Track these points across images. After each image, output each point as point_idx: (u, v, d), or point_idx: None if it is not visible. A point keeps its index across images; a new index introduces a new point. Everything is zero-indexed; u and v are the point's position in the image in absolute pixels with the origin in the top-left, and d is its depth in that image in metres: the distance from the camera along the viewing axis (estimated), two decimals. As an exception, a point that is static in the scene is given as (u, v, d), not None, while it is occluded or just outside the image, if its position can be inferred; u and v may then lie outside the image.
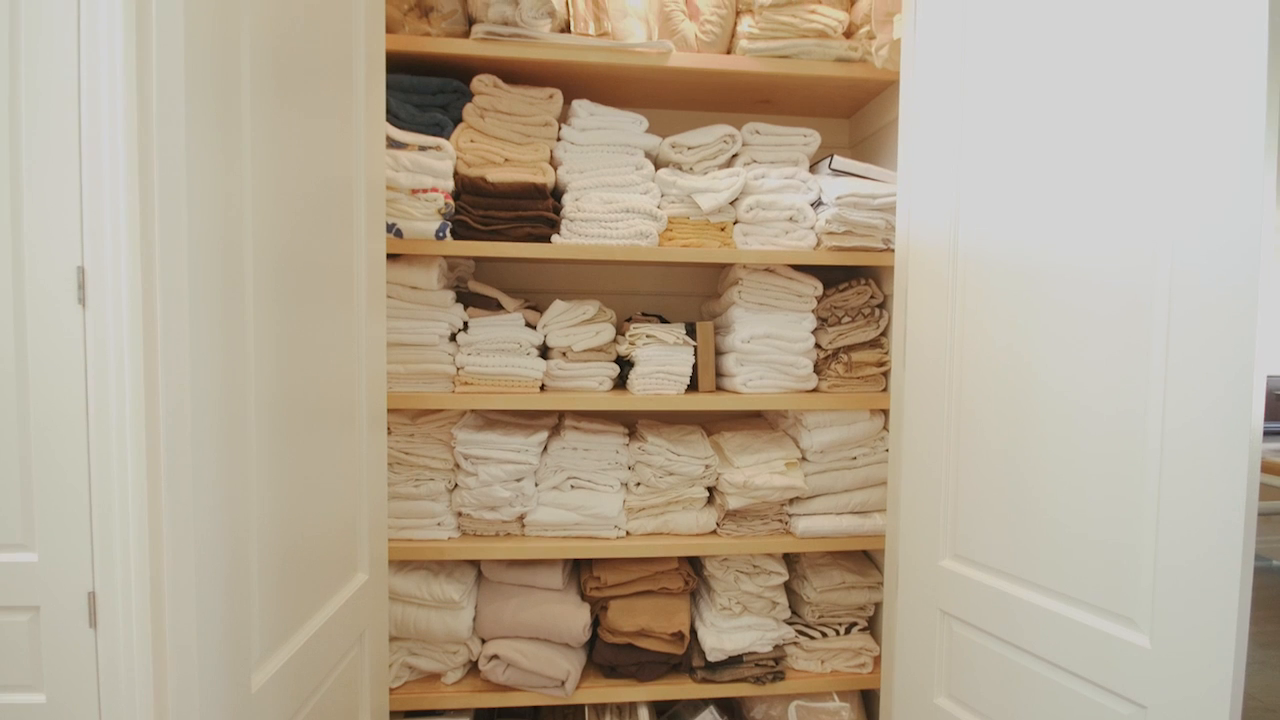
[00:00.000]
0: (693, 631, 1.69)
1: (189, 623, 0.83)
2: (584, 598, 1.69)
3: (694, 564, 1.80)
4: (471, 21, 1.58)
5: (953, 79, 1.27)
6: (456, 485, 1.61)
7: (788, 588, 1.77)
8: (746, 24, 1.64)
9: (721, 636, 1.65)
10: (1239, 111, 0.87)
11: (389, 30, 1.50)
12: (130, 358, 0.79)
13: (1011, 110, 1.17)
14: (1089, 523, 1.05)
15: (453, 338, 1.60)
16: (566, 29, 1.63)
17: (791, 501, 1.70)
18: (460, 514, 1.62)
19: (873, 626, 1.78)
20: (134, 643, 0.81)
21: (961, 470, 1.27)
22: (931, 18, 1.31)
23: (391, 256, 1.51)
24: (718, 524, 1.69)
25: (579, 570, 1.78)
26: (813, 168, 1.74)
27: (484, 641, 1.65)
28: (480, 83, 1.58)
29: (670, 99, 1.86)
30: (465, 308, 1.62)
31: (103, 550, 0.82)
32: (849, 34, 1.69)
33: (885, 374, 1.68)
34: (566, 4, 1.62)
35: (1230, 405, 0.87)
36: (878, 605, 1.74)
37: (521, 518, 1.62)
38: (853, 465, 1.70)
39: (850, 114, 1.99)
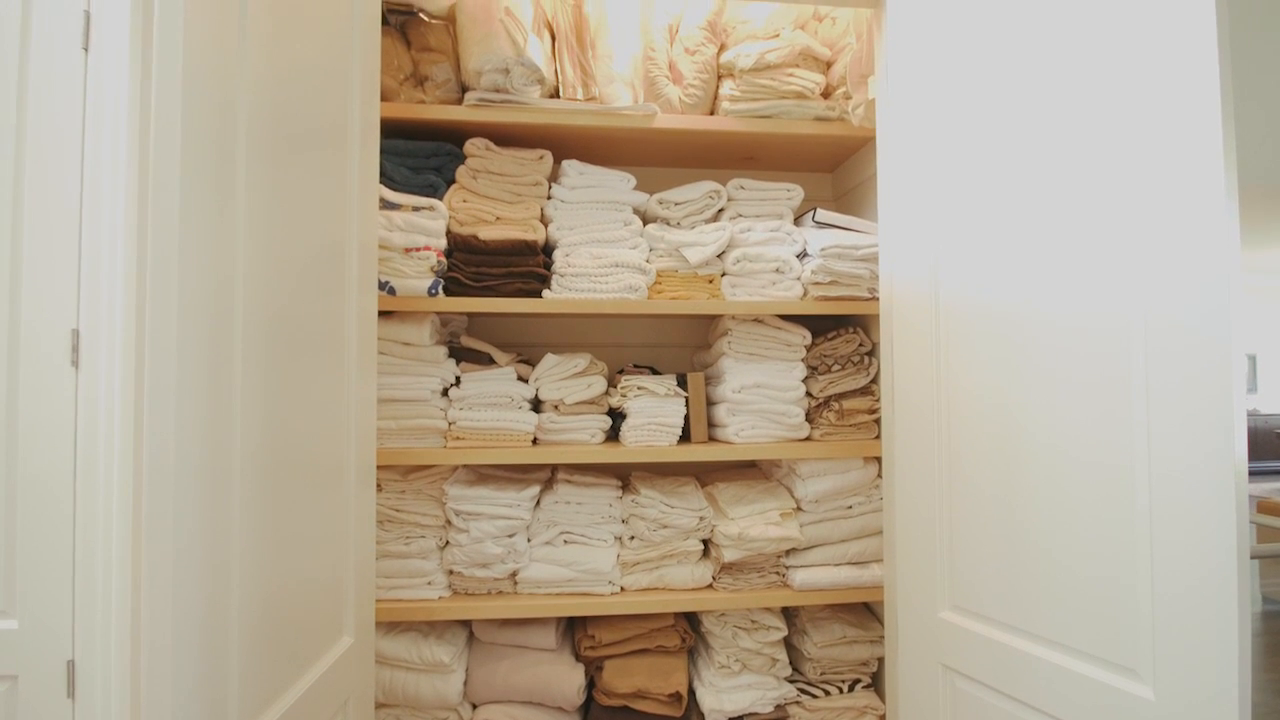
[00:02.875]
0: (691, 692, 1.64)
1: (165, 694, 0.81)
2: (578, 658, 1.64)
3: (690, 620, 1.76)
4: (464, 89, 1.65)
5: (927, 137, 1.32)
6: (448, 542, 1.59)
7: (788, 643, 1.73)
8: (728, 87, 1.71)
9: (721, 697, 1.60)
10: (1201, 161, 0.90)
11: (386, 98, 1.56)
12: (120, 421, 0.80)
13: (985, 167, 1.21)
14: (1085, 571, 1.03)
15: (445, 393, 1.61)
16: (556, 94, 1.70)
17: (788, 553, 1.68)
18: (451, 572, 1.59)
19: (876, 683, 1.73)
20: (112, 714, 0.79)
21: (956, 519, 1.26)
22: (904, 79, 1.37)
23: (384, 314, 1.54)
24: (714, 577, 1.66)
25: (573, 629, 1.74)
26: (797, 220, 1.79)
27: (475, 707, 1.59)
28: (473, 145, 1.64)
29: (657, 157, 1.92)
30: (458, 362, 1.64)
31: (84, 617, 0.81)
32: (826, 94, 1.76)
33: (877, 421, 1.68)
34: (555, 71, 1.70)
35: (1214, 450, 0.87)
36: (881, 660, 1.70)
37: (514, 575, 1.59)
38: (848, 515, 1.69)
39: (832, 168, 2.06)
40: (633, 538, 1.65)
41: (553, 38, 1.72)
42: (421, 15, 1.67)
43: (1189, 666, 0.89)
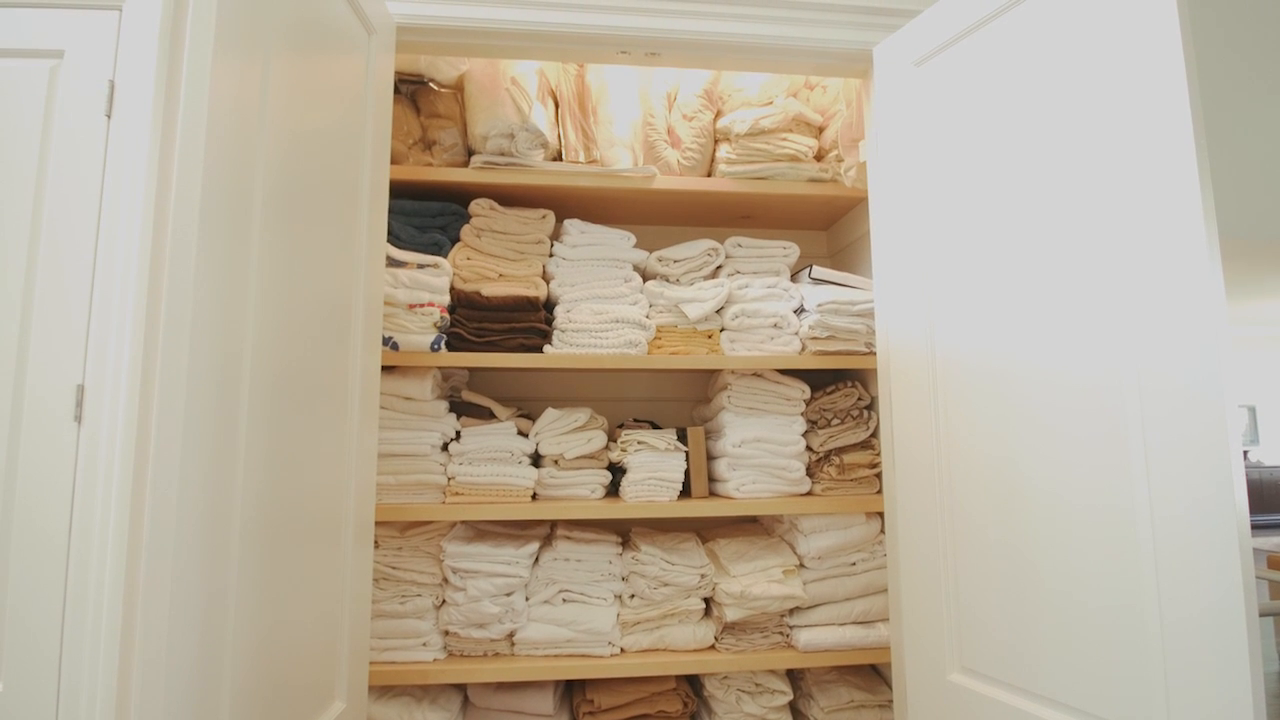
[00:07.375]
0: (694, 760, 1.57)
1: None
2: (577, 724, 1.59)
3: (692, 683, 1.71)
4: (471, 153, 1.71)
5: (918, 198, 1.36)
6: (444, 601, 1.56)
7: (793, 708, 1.67)
8: (724, 150, 1.78)
9: (725, 765, 1.54)
10: (1183, 230, 0.94)
11: (395, 161, 1.61)
12: (119, 479, 0.79)
13: (976, 227, 1.25)
14: (1093, 630, 1.01)
15: (445, 447, 1.60)
16: (559, 157, 1.76)
17: (792, 612, 1.64)
18: (447, 633, 1.55)
19: (886, 750, 1.66)
20: (91, 785, 0.76)
21: (961, 576, 1.24)
22: (892, 143, 1.43)
23: (386, 369, 1.55)
24: (716, 638, 1.62)
25: (571, 693, 1.68)
26: (794, 277, 1.82)
27: (469, 777, 1.53)
28: (478, 205, 1.68)
29: (656, 216, 1.98)
30: (458, 417, 1.64)
31: (69, 682, 0.78)
32: (819, 157, 1.83)
33: (878, 475, 1.67)
34: (558, 136, 1.76)
35: (1214, 506, 0.87)
36: (890, 726, 1.64)
37: (511, 635, 1.55)
38: (852, 572, 1.66)
39: (827, 226, 2.11)
40: (633, 596, 1.61)
41: (556, 105, 1.80)
42: (431, 84, 1.75)
43: (1207, 731, 0.87)
